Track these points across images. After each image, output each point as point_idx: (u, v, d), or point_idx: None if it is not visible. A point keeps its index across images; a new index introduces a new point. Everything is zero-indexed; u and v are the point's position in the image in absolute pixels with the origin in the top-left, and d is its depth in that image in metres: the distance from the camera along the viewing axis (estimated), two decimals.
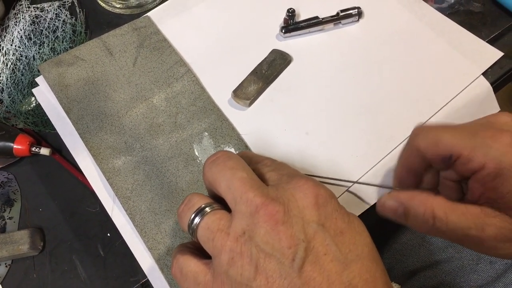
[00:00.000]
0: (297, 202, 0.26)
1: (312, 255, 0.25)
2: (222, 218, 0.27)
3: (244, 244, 0.25)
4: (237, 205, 0.26)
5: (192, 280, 0.27)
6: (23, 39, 0.50)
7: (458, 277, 0.48)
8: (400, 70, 0.47)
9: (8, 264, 0.41)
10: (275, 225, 0.25)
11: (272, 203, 0.26)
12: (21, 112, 0.47)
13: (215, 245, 0.26)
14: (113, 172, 0.41)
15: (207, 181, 0.30)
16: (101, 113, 0.44)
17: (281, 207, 0.26)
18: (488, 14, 0.51)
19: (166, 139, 0.43)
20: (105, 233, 0.42)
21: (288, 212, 0.26)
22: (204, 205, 0.28)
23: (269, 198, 0.26)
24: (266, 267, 0.24)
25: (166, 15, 0.51)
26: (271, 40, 0.49)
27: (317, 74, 0.47)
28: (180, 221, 0.30)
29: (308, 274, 0.24)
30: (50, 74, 0.46)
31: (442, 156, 0.31)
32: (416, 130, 0.33)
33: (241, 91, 0.45)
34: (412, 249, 0.52)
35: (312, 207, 0.26)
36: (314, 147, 0.43)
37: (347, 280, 0.24)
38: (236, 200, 0.26)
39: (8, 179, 0.45)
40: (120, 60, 0.47)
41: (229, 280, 0.25)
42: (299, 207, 0.26)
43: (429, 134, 0.32)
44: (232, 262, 0.25)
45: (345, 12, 0.49)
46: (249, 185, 0.27)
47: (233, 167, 0.28)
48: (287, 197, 0.26)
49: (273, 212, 0.25)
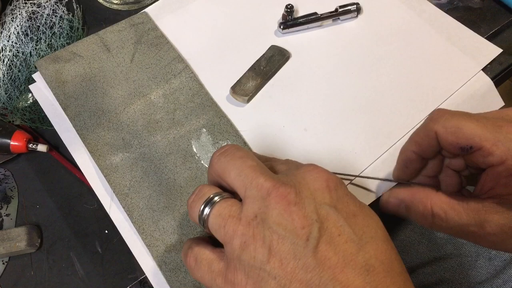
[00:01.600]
0: (308, 184, 0.26)
1: (326, 235, 0.24)
2: (233, 205, 0.27)
3: (256, 227, 0.25)
4: (247, 190, 0.26)
5: (207, 267, 0.27)
6: (20, 35, 0.50)
7: (457, 274, 0.48)
8: (399, 66, 0.46)
9: (5, 261, 0.41)
10: (287, 206, 0.25)
11: (283, 185, 0.26)
12: (18, 109, 0.47)
13: (226, 231, 0.26)
14: (110, 168, 0.41)
15: (216, 172, 0.30)
16: (99, 110, 0.44)
17: (293, 189, 0.26)
18: (487, 10, 0.51)
19: (164, 135, 0.43)
20: (103, 230, 0.42)
21: (300, 194, 0.26)
22: (214, 195, 0.28)
23: (279, 181, 0.26)
24: (279, 248, 0.24)
25: (163, 11, 0.51)
26: (269, 36, 0.49)
27: (315, 70, 0.47)
28: (190, 211, 0.29)
29: (323, 254, 0.24)
30: (47, 70, 0.45)
31: (461, 145, 0.30)
32: (436, 114, 0.31)
33: (240, 88, 0.45)
34: (411, 246, 0.52)
35: (323, 189, 0.26)
36: (312, 143, 0.42)
37: (363, 260, 0.24)
38: (247, 186, 0.26)
39: (5, 175, 0.44)
40: (117, 56, 0.47)
41: (242, 264, 0.25)
42: (310, 189, 0.26)
43: (451, 121, 0.30)
44: (245, 245, 0.25)
45: (343, 8, 0.49)
46: (259, 171, 0.27)
47: (243, 157, 0.28)
48: (298, 180, 0.27)
49: (284, 194, 0.25)
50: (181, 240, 0.38)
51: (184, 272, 0.37)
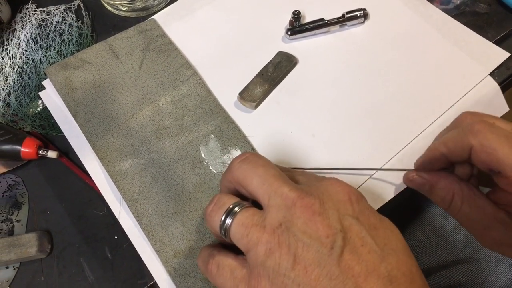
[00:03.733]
0: (331, 196, 0.27)
1: (349, 245, 0.25)
2: (255, 214, 0.27)
3: (282, 235, 0.25)
4: (271, 199, 0.27)
5: (229, 274, 0.28)
6: (30, 43, 0.50)
7: (476, 279, 0.48)
8: (406, 71, 0.46)
9: (16, 267, 0.41)
10: (312, 215, 0.25)
11: (308, 196, 0.26)
12: (28, 115, 0.47)
13: (250, 239, 0.26)
14: (120, 175, 0.41)
15: (235, 179, 0.30)
16: (108, 116, 0.44)
17: (317, 200, 0.26)
18: (494, 15, 0.51)
19: (173, 141, 0.43)
20: (113, 235, 0.42)
21: (324, 204, 0.26)
22: (234, 204, 0.29)
23: (304, 191, 0.27)
24: (304, 256, 0.25)
25: (171, 18, 0.51)
26: (276, 42, 0.49)
27: (323, 76, 0.47)
28: (210, 221, 0.30)
29: (347, 263, 0.24)
30: (56, 77, 0.46)
31: (491, 167, 0.30)
32: (477, 127, 0.31)
33: (247, 94, 0.45)
34: (429, 247, 0.52)
35: (346, 201, 0.27)
36: (320, 148, 0.43)
37: (385, 271, 0.25)
38: (270, 194, 0.27)
39: (15, 182, 0.45)
40: (126, 63, 0.47)
41: (266, 271, 0.25)
42: (333, 201, 0.27)
43: (489, 140, 0.30)
44: (270, 252, 0.25)
45: (350, 14, 0.49)
46: (282, 180, 0.27)
47: (265, 165, 0.29)
48: (321, 191, 0.27)
49: (309, 204, 0.26)
50: (190, 246, 0.38)
51: (193, 278, 0.37)
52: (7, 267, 0.41)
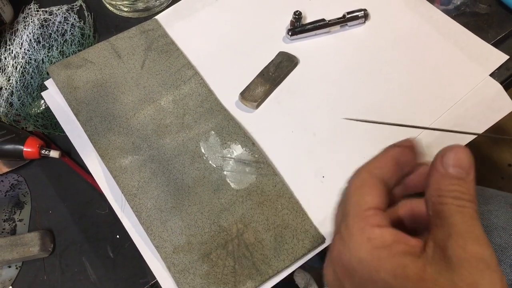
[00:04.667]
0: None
1: None
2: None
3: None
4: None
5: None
6: (32, 43, 0.51)
7: None
8: (407, 71, 0.47)
9: (18, 266, 0.41)
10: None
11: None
12: (31, 115, 0.47)
13: None
14: (119, 170, 0.41)
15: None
16: (110, 115, 0.44)
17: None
18: (495, 16, 0.51)
19: (173, 138, 0.43)
20: (115, 235, 0.42)
21: None
22: None
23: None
24: None
25: (173, 18, 0.51)
26: (278, 42, 0.49)
27: (324, 76, 0.47)
28: None
29: None
30: (59, 76, 0.46)
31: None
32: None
33: (249, 93, 0.45)
34: None
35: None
36: (321, 148, 0.43)
37: None
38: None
39: (18, 181, 0.45)
40: (128, 63, 0.47)
41: None
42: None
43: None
44: None
45: (351, 14, 0.49)
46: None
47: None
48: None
49: None
50: (189, 242, 0.38)
51: (192, 274, 0.37)
52: (9, 266, 0.41)
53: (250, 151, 0.42)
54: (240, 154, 0.42)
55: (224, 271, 0.37)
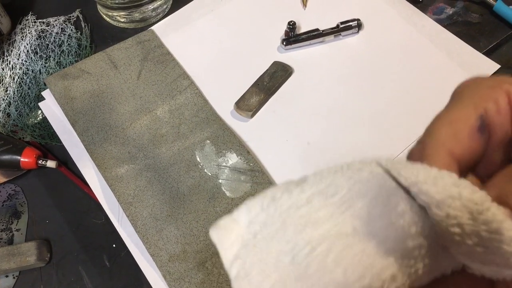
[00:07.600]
0: None
1: None
2: None
3: None
4: None
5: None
6: (30, 53, 0.51)
7: None
8: (400, 80, 0.47)
9: (15, 276, 0.41)
10: None
11: None
12: (28, 126, 0.48)
13: None
14: (115, 179, 0.42)
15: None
16: (106, 125, 0.45)
17: None
18: (486, 25, 0.52)
19: (169, 147, 0.44)
20: (111, 244, 0.42)
21: None
22: None
23: None
24: None
25: (169, 29, 0.52)
26: (272, 52, 0.50)
27: (318, 85, 0.48)
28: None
29: None
30: (56, 87, 0.47)
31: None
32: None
33: (244, 103, 0.46)
34: None
35: None
36: (316, 157, 0.43)
37: None
38: None
39: (15, 191, 0.45)
40: (124, 73, 0.48)
41: None
42: None
43: None
44: None
45: (345, 24, 0.50)
46: None
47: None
48: None
49: None
50: (184, 250, 0.39)
51: (188, 282, 0.37)
52: (6, 275, 0.41)
53: (245, 160, 0.43)
54: (235, 163, 0.43)
55: (219, 279, 0.38)
